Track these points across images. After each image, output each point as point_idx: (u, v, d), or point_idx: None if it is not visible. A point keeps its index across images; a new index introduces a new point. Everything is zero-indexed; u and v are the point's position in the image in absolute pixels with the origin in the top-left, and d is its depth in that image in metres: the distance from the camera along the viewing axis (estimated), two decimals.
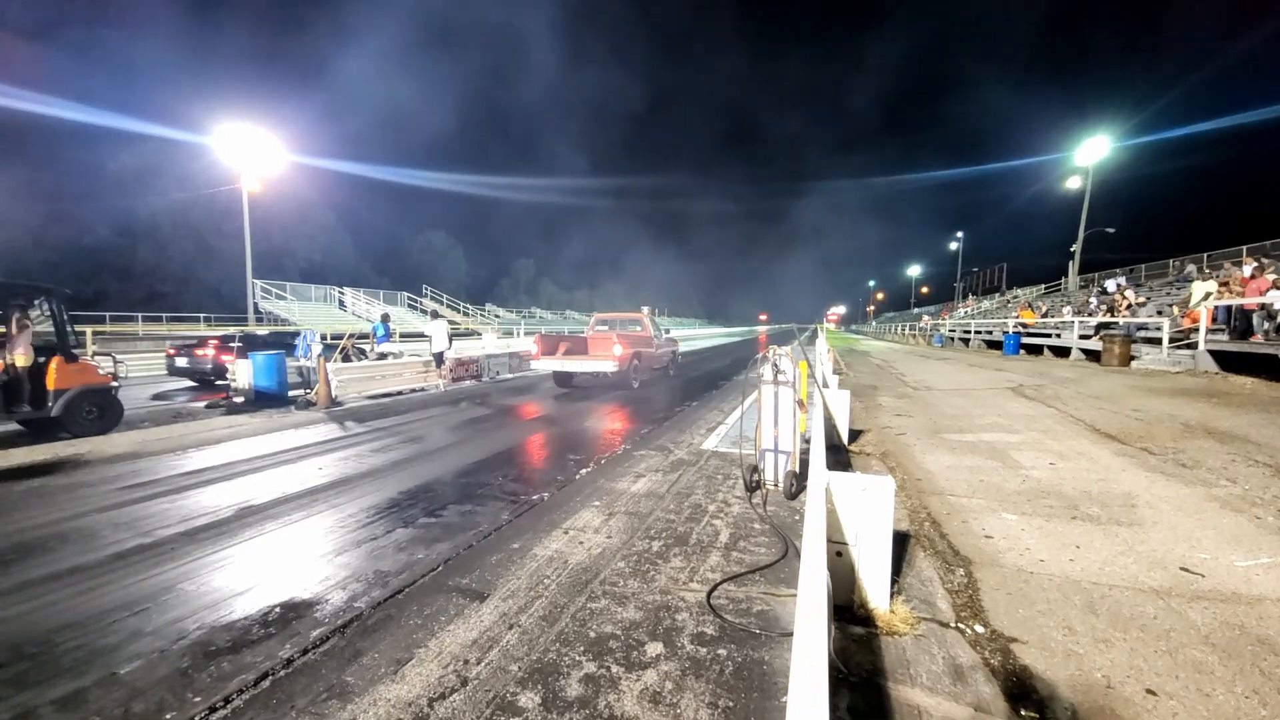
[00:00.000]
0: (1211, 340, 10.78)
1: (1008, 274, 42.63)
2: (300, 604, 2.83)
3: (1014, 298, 35.97)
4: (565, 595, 2.85)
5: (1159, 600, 2.68)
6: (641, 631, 2.50)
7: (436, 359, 12.30)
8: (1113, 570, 2.99)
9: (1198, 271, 19.80)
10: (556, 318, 55.74)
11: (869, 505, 2.56)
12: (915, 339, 33.86)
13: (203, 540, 3.71)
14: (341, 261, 50.03)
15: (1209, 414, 6.80)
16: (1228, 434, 5.78)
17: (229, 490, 4.83)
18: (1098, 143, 27.44)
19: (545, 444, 6.74)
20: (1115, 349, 12.51)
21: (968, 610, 2.66)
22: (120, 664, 2.38)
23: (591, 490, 4.67)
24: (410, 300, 36.71)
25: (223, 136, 25.83)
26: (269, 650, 2.43)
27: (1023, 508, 3.98)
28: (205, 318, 30.17)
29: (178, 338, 22.79)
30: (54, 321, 7.18)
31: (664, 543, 3.51)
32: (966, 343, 25.04)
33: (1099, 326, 15.11)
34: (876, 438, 6.45)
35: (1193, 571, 2.96)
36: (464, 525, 3.91)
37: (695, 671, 2.21)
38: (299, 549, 3.58)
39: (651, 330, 13.43)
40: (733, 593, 2.86)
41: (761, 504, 4.20)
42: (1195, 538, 3.37)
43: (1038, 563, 3.12)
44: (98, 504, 4.51)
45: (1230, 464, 4.79)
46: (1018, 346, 18.66)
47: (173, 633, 2.62)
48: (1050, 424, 6.74)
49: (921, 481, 4.72)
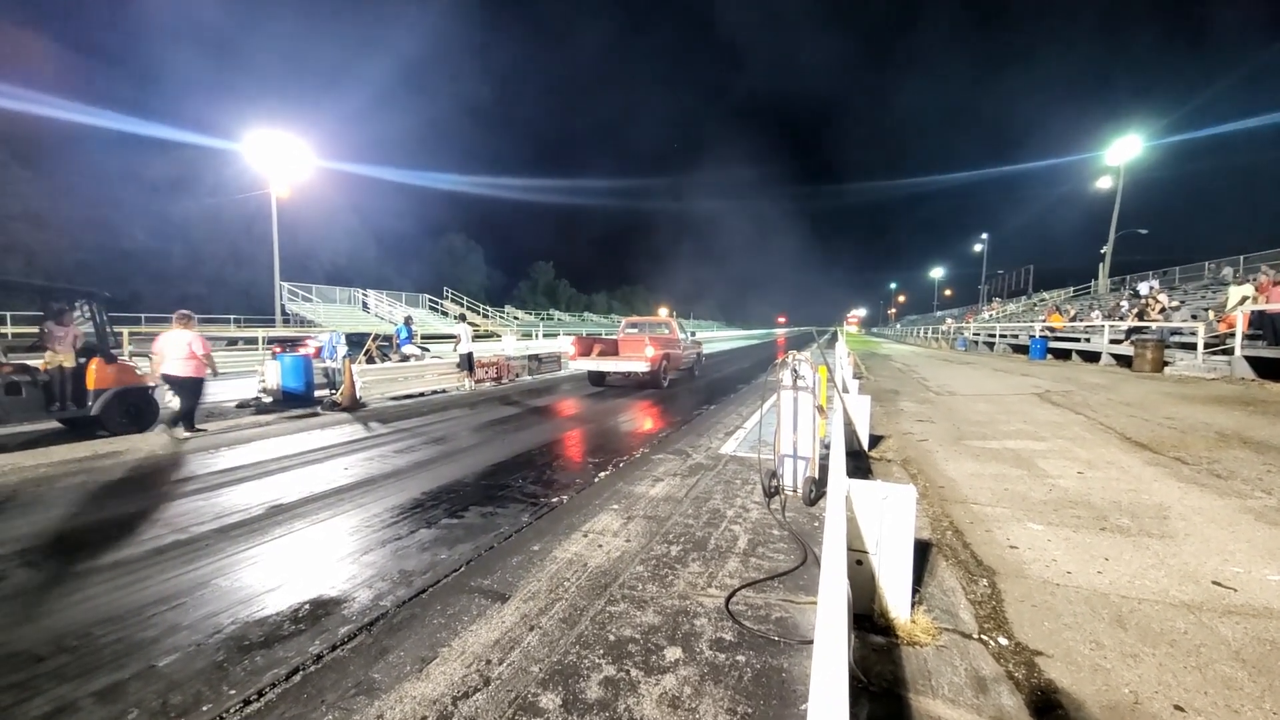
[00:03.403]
0: (1248, 346, 10.43)
1: (1034, 276, 41.74)
2: (329, 601, 2.92)
3: (1041, 300, 35.16)
4: (585, 598, 2.88)
5: (1190, 615, 2.62)
6: (660, 636, 2.52)
7: (463, 360, 12.49)
8: (1142, 584, 2.93)
9: (1234, 275, 19.15)
10: (575, 320, 56.03)
11: (890, 513, 2.54)
12: (938, 343, 33.29)
13: (236, 537, 3.84)
14: (365, 264, 51.03)
15: (1245, 423, 6.59)
16: (1264, 444, 5.59)
17: (260, 489, 4.98)
18: (1129, 142, 26.71)
19: (564, 446, 6.80)
20: (1147, 354, 12.17)
21: (991, 622, 2.63)
22: (158, 657, 2.47)
23: (610, 494, 4.71)
24: (431, 302, 37.24)
25: (253, 143, 26.55)
26: (300, 646, 2.50)
27: (1049, 518, 3.91)
28: (235, 319, 30.99)
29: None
30: (94, 323, 7.47)
31: (682, 547, 3.53)
32: (991, 347, 24.55)
33: (1130, 331, 14.70)
34: (898, 444, 6.38)
35: (1225, 586, 2.89)
36: (485, 527, 3.98)
37: (714, 677, 2.23)
38: (327, 547, 3.67)
39: (679, 333, 14.25)
40: (751, 599, 2.87)
41: (780, 510, 4.19)
42: (1228, 551, 3.28)
43: (1064, 574, 3.07)
44: (135, 501, 4.68)
45: (1266, 475, 4.65)
46: (1045, 351, 18.25)
47: (208, 627, 2.71)
48: (1078, 431, 6.59)
49: (944, 489, 4.66)
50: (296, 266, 38.81)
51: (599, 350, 13.22)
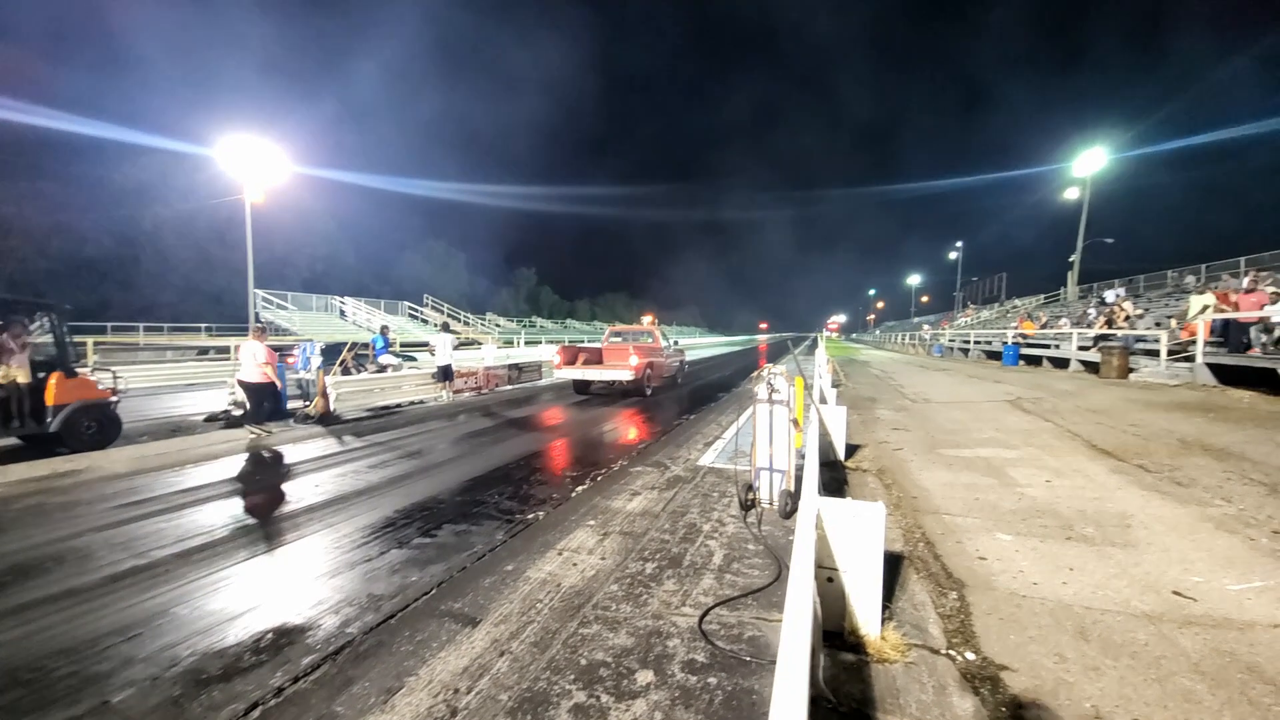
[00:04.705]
0: (1209, 353, 10.79)
1: (1007, 283, 42.76)
2: (292, 629, 2.84)
3: (1013, 307, 36.02)
4: (557, 620, 2.85)
5: (1150, 626, 2.68)
6: (633, 659, 2.50)
7: (441, 372, 12.30)
8: (1105, 594, 2.99)
9: (1196, 283, 19.85)
10: (557, 327, 55.82)
11: (860, 531, 2.56)
12: (915, 349, 33.86)
13: (198, 562, 3.72)
14: (343, 271, 50.22)
15: (1206, 429, 6.80)
16: (1224, 451, 5.78)
17: (225, 509, 4.84)
18: (1095, 154, 27.59)
19: (542, 459, 6.74)
20: (1113, 361, 12.52)
21: (959, 636, 2.66)
22: (113, 692, 2.39)
23: (587, 509, 4.68)
24: (411, 310, 36.78)
25: (226, 148, 26.05)
26: (260, 679, 2.43)
27: (1017, 527, 3.98)
28: (207, 328, 30.26)
29: (179, 347, 22.85)
30: (54, 337, 7.22)
31: (658, 564, 3.51)
32: (966, 353, 25.03)
33: (1097, 338, 15.13)
34: (874, 453, 6.46)
35: (1185, 595, 2.96)
36: (458, 546, 3.92)
37: (685, 701, 2.21)
38: (293, 571, 3.58)
39: (662, 341, 14.45)
40: (725, 617, 2.86)
41: (757, 524, 4.21)
42: (1189, 560, 3.37)
43: (1031, 586, 3.12)
44: (94, 523, 4.53)
45: (1226, 482, 4.79)
46: (1017, 357, 18.67)
47: (165, 659, 2.63)
48: (1048, 439, 6.74)
49: (917, 499, 4.72)
50: (272, 274, 38.06)
51: (584, 359, 13.33)
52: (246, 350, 8.29)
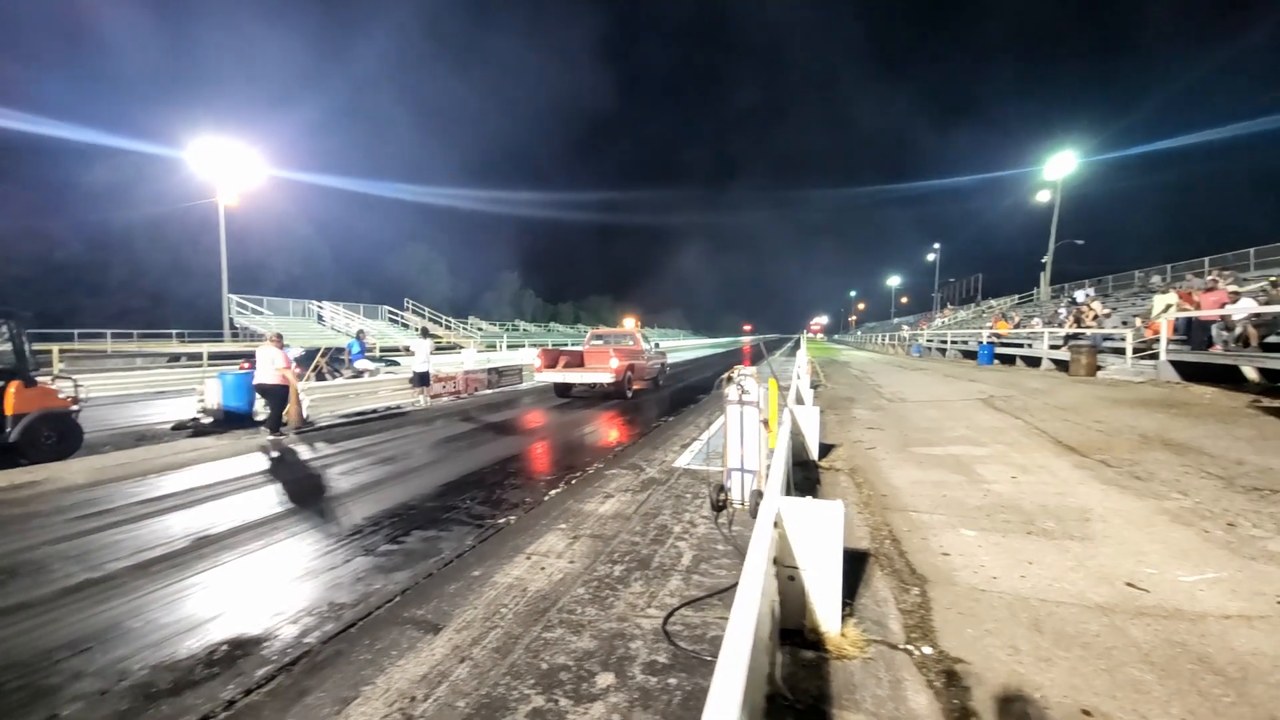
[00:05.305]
0: (1173, 351, 11.11)
1: (983, 284, 43.64)
2: (248, 640, 2.78)
3: (989, 308, 36.73)
4: (521, 625, 2.83)
5: (1103, 617, 2.74)
6: (594, 662, 2.49)
7: (418, 378, 12.16)
8: (1061, 586, 3.05)
9: (1162, 283, 20.43)
10: (541, 331, 55.58)
11: (819, 529, 2.59)
12: (895, 349, 34.35)
13: (154, 574, 3.62)
14: (321, 275, 49.43)
15: (1167, 425, 6.99)
16: (1183, 445, 5.94)
17: (186, 519, 4.73)
18: (1065, 158, 28.31)
19: (517, 463, 6.70)
20: (1082, 359, 12.82)
21: (918, 631, 2.69)
22: (61, 705, 2.33)
23: (559, 512, 4.66)
24: (391, 314, 36.36)
25: (199, 150, 25.55)
26: (211, 692, 2.37)
27: (981, 523, 4.05)
28: (179, 334, 29.57)
29: (149, 354, 22.31)
30: (13, 345, 6.99)
31: (626, 567, 3.51)
32: (944, 353, 25.45)
33: (1068, 337, 15.48)
34: (847, 452, 6.52)
35: (1138, 587, 3.03)
36: (426, 552, 3.87)
37: (644, 703, 2.21)
38: (253, 581, 3.51)
39: (643, 344, 14.50)
40: (689, 618, 2.87)
41: (727, 524, 4.22)
42: (1143, 552, 3.45)
43: (991, 580, 3.17)
44: (50, 535, 4.39)
45: (1183, 476, 4.93)
46: (992, 357, 19.02)
47: (115, 673, 2.56)
48: (1016, 436, 6.88)
49: (887, 497, 4.78)
50: (247, 278, 37.26)
51: (564, 362, 13.32)
52: (264, 355, 8.49)
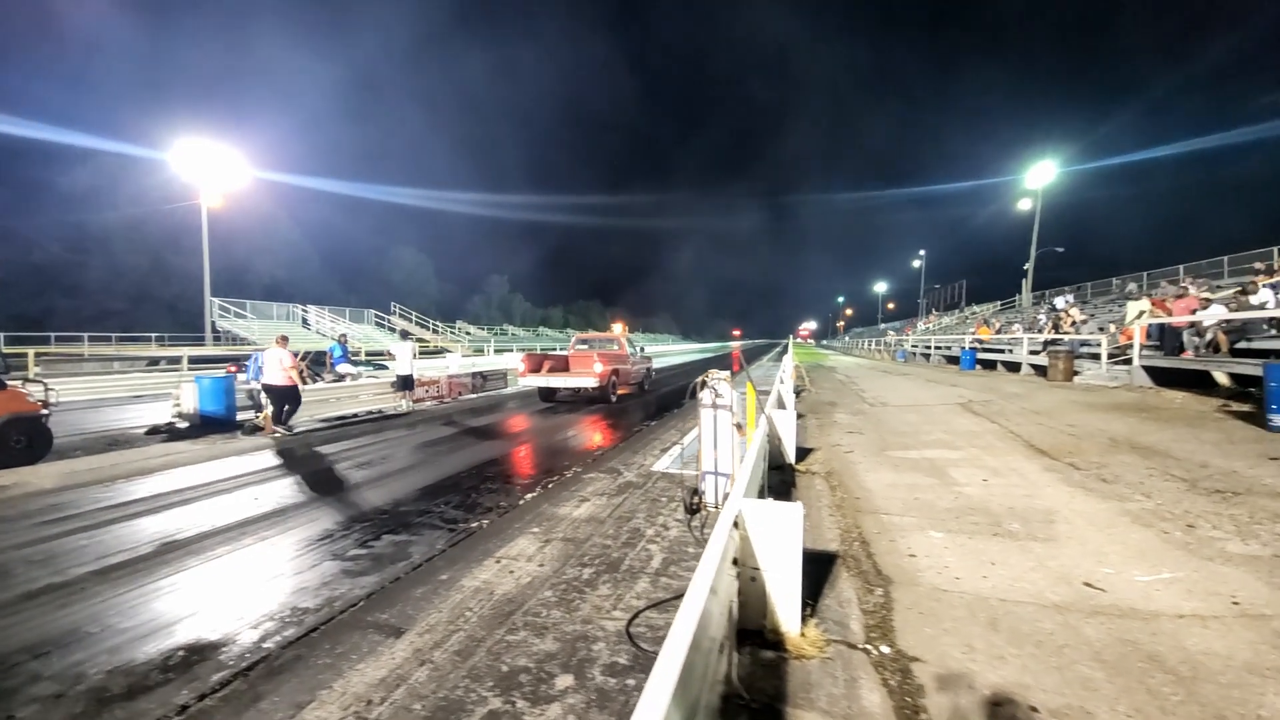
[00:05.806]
0: (1146, 356, 11.33)
1: (967, 290, 44.20)
2: (206, 645, 2.75)
3: (972, 314, 37.23)
4: (485, 628, 2.82)
5: (1058, 616, 2.79)
6: (555, 664, 2.50)
7: (401, 381, 12.07)
8: (1021, 586, 3.10)
9: (1138, 290, 20.84)
10: (530, 335, 55.41)
11: (779, 530, 2.61)
12: (880, 354, 34.67)
13: (116, 579, 3.57)
14: (307, 278, 48.95)
15: (1137, 429, 7.13)
16: (1150, 449, 6.06)
17: (154, 524, 4.66)
18: (1045, 167, 28.83)
19: (495, 468, 6.68)
20: (1059, 364, 13.02)
21: (878, 631, 2.72)
22: (18, 707, 2.32)
23: (533, 516, 4.65)
24: (378, 318, 36.05)
25: (182, 152, 25.25)
26: (164, 696, 2.35)
27: (949, 525, 4.10)
28: (158, 338, 29.09)
29: (127, 358, 21.92)
30: None
31: (595, 570, 3.51)
32: (928, 358, 25.74)
33: (1046, 343, 15.73)
34: (825, 456, 6.58)
35: (1095, 586, 3.09)
36: (395, 556, 3.85)
37: (601, 704, 2.22)
38: (217, 586, 3.47)
39: (628, 349, 14.48)
40: (654, 620, 2.88)
41: (700, 527, 4.24)
42: (1103, 553, 3.52)
43: (954, 581, 3.22)
44: (14, 540, 4.32)
45: (1148, 479, 5.03)
46: (974, 362, 19.26)
47: (71, 677, 2.52)
48: (991, 440, 6.97)
49: (860, 500, 4.82)
50: (231, 281, 36.85)
51: (549, 367, 13.31)
52: (271, 356, 8.84)
